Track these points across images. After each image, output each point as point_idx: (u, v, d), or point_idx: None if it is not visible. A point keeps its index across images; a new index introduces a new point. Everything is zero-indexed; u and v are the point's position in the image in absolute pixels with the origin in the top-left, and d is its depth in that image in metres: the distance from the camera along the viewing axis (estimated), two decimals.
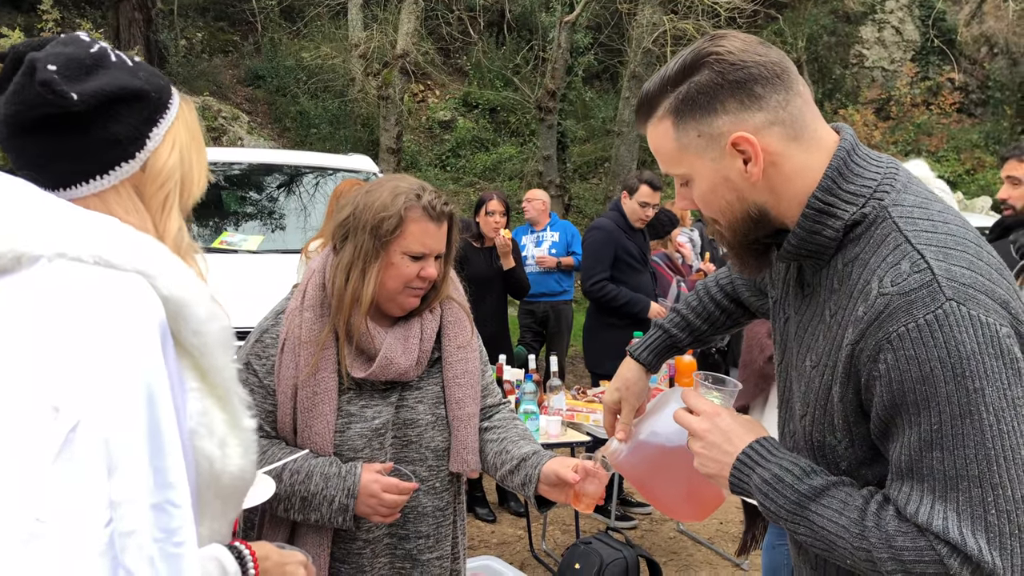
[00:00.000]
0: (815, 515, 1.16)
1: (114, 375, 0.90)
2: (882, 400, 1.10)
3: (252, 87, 15.70)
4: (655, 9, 11.98)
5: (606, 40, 15.98)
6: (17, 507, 0.84)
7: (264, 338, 1.86)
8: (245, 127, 12.97)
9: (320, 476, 1.78)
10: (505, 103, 16.11)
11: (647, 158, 15.15)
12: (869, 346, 1.10)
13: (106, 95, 1.03)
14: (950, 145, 14.95)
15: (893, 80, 16.12)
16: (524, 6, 16.53)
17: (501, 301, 5.18)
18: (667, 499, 1.63)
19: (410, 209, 1.79)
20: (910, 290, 1.07)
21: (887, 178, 1.20)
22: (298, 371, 1.80)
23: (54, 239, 0.95)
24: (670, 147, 1.24)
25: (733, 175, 1.20)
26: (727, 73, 1.17)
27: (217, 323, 1.04)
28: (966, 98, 15.91)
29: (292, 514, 1.81)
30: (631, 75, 12.25)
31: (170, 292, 0.99)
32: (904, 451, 1.09)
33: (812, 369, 1.24)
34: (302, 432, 1.81)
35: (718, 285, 1.71)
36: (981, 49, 16.12)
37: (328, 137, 14.34)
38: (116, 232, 0.99)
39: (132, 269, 0.97)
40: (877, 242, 1.15)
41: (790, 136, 1.18)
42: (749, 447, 1.25)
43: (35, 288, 0.93)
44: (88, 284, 0.93)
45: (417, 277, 1.81)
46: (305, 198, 6.25)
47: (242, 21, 16.53)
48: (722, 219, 1.26)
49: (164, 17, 14.95)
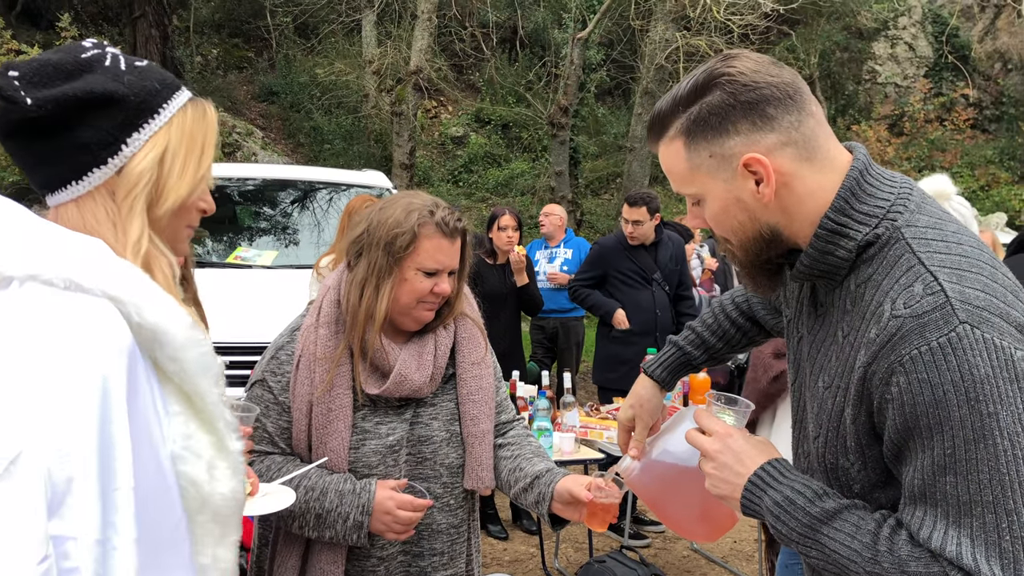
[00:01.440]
0: (827, 538, 1.15)
1: (64, 404, 0.88)
2: (895, 424, 1.08)
3: (266, 103, 15.82)
4: (668, 26, 12.01)
5: (619, 56, 16.04)
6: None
7: (279, 355, 1.87)
8: (259, 143, 13.07)
9: (335, 493, 1.78)
10: (517, 119, 16.17)
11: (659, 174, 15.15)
12: (881, 369, 1.08)
13: (68, 100, 1.01)
14: (964, 161, 14.88)
15: (906, 96, 16.09)
16: (537, 23, 16.61)
17: (515, 318, 5.18)
18: (679, 518, 1.61)
19: (423, 225, 1.79)
20: (923, 312, 1.05)
21: (900, 198, 1.18)
22: (313, 388, 1.80)
23: (27, 260, 0.95)
24: (682, 167, 1.23)
25: (745, 196, 1.19)
26: (739, 94, 1.16)
27: (195, 349, 1.02)
28: (980, 114, 15.85)
29: (307, 531, 1.80)
30: (643, 91, 12.27)
31: (143, 319, 0.97)
32: (917, 475, 1.07)
33: (825, 390, 1.23)
34: (317, 449, 1.82)
35: (734, 303, 1.69)
36: (995, 65, 16.08)
37: (341, 153, 14.42)
38: (92, 256, 0.98)
39: (102, 294, 0.96)
40: (890, 263, 1.14)
41: (802, 157, 1.18)
42: (761, 468, 1.24)
43: (4, 311, 0.92)
44: (52, 309, 0.93)
45: (431, 293, 1.82)
46: (319, 214, 6.28)
47: (257, 38, 16.69)
48: (734, 239, 1.25)
49: (180, 34, 15.11)
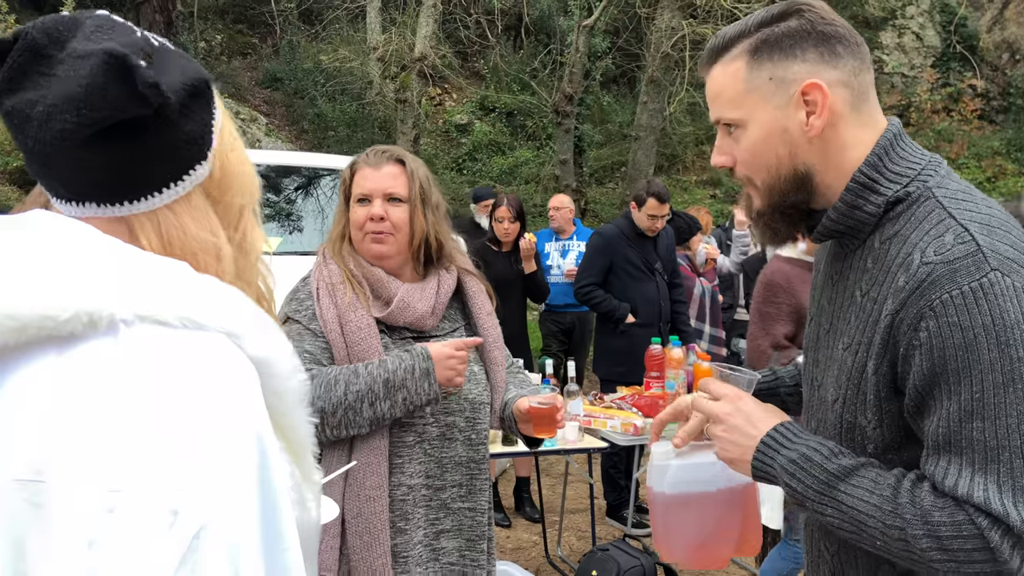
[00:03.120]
0: (844, 495, 1.14)
1: (233, 465, 0.78)
2: (921, 370, 1.07)
3: (270, 89, 15.77)
4: (674, 14, 11.94)
5: (624, 44, 15.94)
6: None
7: (298, 295, 2.01)
8: (263, 129, 13.03)
9: (394, 357, 1.91)
10: (522, 107, 16.10)
11: (664, 163, 15.10)
12: (910, 315, 1.08)
13: (188, 89, 0.89)
14: (971, 152, 14.80)
15: (913, 86, 16.00)
16: (542, 10, 16.51)
17: (521, 305, 5.19)
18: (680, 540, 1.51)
19: (355, 163, 2.04)
20: (955, 259, 1.06)
21: (931, 164, 1.20)
22: (339, 308, 1.94)
23: (132, 298, 0.80)
24: (736, 88, 1.22)
25: (792, 126, 1.19)
26: (816, 24, 1.18)
27: (297, 379, 0.92)
28: (987, 105, 15.75)
29: (377, 405, 1.86)
30: (649, 79, 12.20)
31: (256, 352, 0.86)
32: (942, 423, 1.06)
33: (844, 351, 1.22)
34: (356, 362, 1.94)
35: None
36: (1003, 55, 15.96)
37: (345, 140, 14.37)
38: (198, 286, 0.85)
39: (220, 329, 0.83)
40: (919, 219, 1.14)
41: (853, 104, 1.19)
42: (773, 429, 1.23)
43: (121, 360, 0.78)
44: (181, 353, 0.79)
45: (368, 220, 1.97)
46: (323, 200, 6.26)
47: (261, 24, 16.62)
48: (766, 175, 1.23)
49: (184, 20, 15.05)
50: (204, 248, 0.91)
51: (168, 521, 0.74)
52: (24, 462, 0.74)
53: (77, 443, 0.74)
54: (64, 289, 0.78)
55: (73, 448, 0.74)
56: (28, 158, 0.87)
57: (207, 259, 0.91)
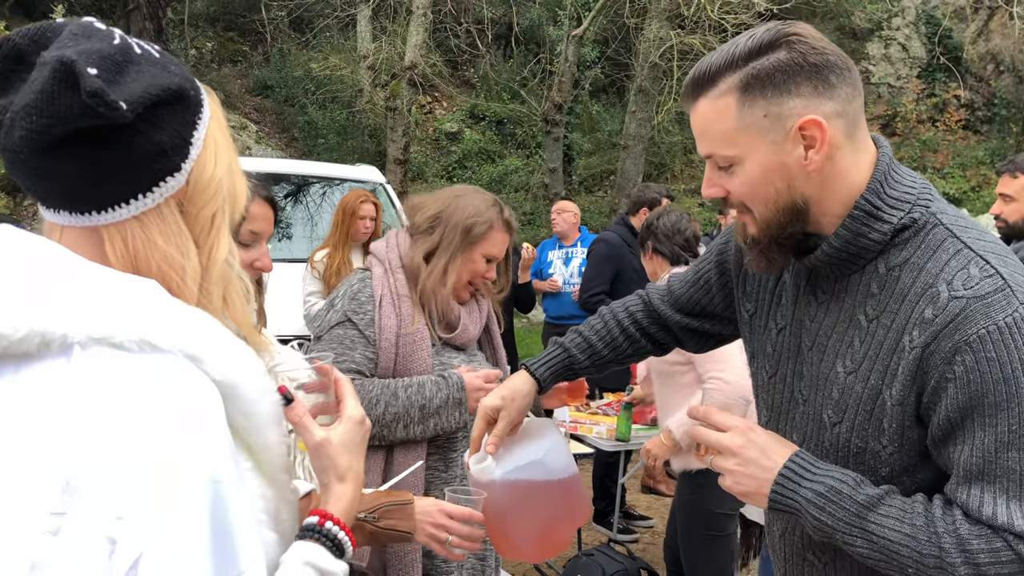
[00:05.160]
0: (874, 525, 1.14)
1: (177, 493, 0.76)
2: (955, 402, 1.10)
3: (260, 97, 15.78)
4: (662, 24, 12.03)
5: (613, 54, 16.03)
6: None
7: (359, 296, 2.09)
8: (253, 136, 13.04)
9: (431, 383, 2.03)
10: (512, 115, 16.16)
11: (652, 172, 15.18)
12: (944, 348, 1.10)
13: (151, 99, 0.85)
14: (955, 162, 14.94)
15: (899, 96, 16.14)
16: (532, 19, 16.59)
17: (509, 313, 5.21)
18: (518, 538, 1.57)
19: (497, 220, 2.13)
20: (985, 294, 1.09)
21: (925, 188, 1.21)
22: (400, 320, 2.05)
23: (88, 319, 0.78)
24: (727, 125, 1.17)
25: (790, 161, 1.16)
26: (808, 55, 1.14)
27: (267, 400, 0.90)
28: (972, 115, 15.90)
29: (411, 428, 2.00)
30: (638, 89, 12.29)
31: (221, 376, 0.84)
32: (976, 452, 1.09)
33: (848, 375, 1.22)
34: (400, 374, 2.06)
35: (628, 313, 1.63)
36: (987, 67, 16.13)
37: (336, 147, 14.39)
38: (159, 307, 0.83)
39: (180, 352, 0.81)
40: (932, 247, 1.16)
41: (848, 133, 1.18)
42: (790, 461, 1.21)
43: (70, 383, 0.77)
44: (133, 377, 0.78)
45: (482, 276, 2.15)
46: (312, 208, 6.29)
47: (251, 31, 16.63)
48: (763, 208, 1.21)
49: (175, 27, 15.06)
50: (170, 263, 0.89)
51: (107, 549, 0.73)
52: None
53: (23, 465, 0.74)
54: (18, 307, 0.77)
55: (19, 470, 0.74)
56: (5, 165, 0.87)
57: (171, 274, 0.89)
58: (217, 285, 0.93)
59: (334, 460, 1.02)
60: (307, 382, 1.14)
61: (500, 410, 1.53)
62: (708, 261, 1.55)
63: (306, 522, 0.98)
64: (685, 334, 1.62)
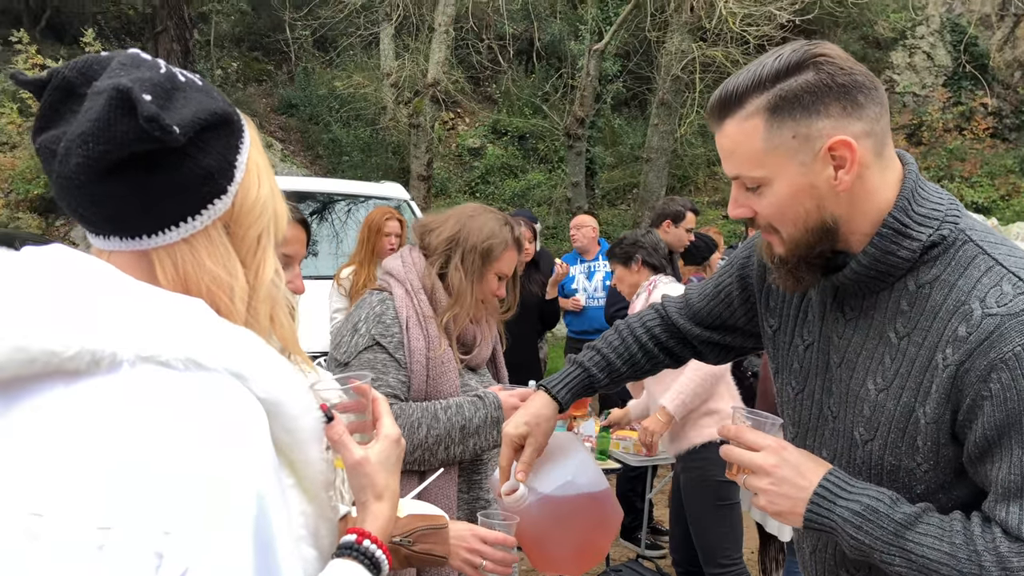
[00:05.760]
0: (912, 543, 1.14)
1: (223, 509, 0.77)
2: (992, 419, 1.09)
3: (285, 115, 15.97)
4: (684, 37, 12.03)
5: (635, 68, 16.06)
6: None
7: (383, 319, 2.07)
8: (279, 155, 13.20)
9: (468, 403, 2.06)
10: (534, 130, 16.21)
11: (675, 184, 15.14)
12: (979, 366, 1.10)
13: (200, 123, 0.88)
14: (984, 171, 14.76)
15: (925, 105, 16.00)
16: (553, 35, 16.67)
17: (535, 329, 5.21)
18: (559, 553, 1.58)
19: (510, 238, 2.16)
20: (1020, 311, 1.09)
21: (952, 204, 1.21)
22: (428, 342, 2.06)
23: (136, 338, 0.81)
24: (755, 147, 1.17)
25: (820, 182, 1.16)
26: (836, 76, 1.14)
27: (309, 416, 0.92)
28: (1000, 123, 15.72)
29: (452, 449, 2.03)
30: (659, 102, 12.29)
31: (265, 393, 0.86)
32: (1014, 471, 1.09)
33: (880, 393, 1.21)
34: (431, 396, 2.07)
35: (644, 327, 1.62)
36: (1014, 74, 15.96)
37: (359, 164, 14.51)
38: (206, 326, 0.86)
39: (225, 371, 0.83)
40: (962, 264, 1.15)
41: (876, 151, 1.18)
42: (825, 479, 1.21)
43: (118, 400, 0.79)
44: (179, 395, 0.80)
45: (494, 293, 2.16)
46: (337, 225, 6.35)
47: (276, 51, 16.85)
48: (792, 229, 1.20)
49: (201, 48, 15.30)
50: (218, 284, 0.91)
51: (154, 563, 0.74)
52: (24, 494, 0.76)
53: (72, 480, 0.76)
54: (70, 326, 0.79)
55: (68, 485, 0.76)
56: (56, 192, 0.89)
57: (220, 295, 0.91)
58: (264, 304, 0.95)
59: (372, 478, 1.03)
60: (345, 401, 1.14)
61: (527, 437, 1.52)
62: (729, 275, 1.54)
63: (344, 540, 0.98)
64: (705, 347, 1.61)
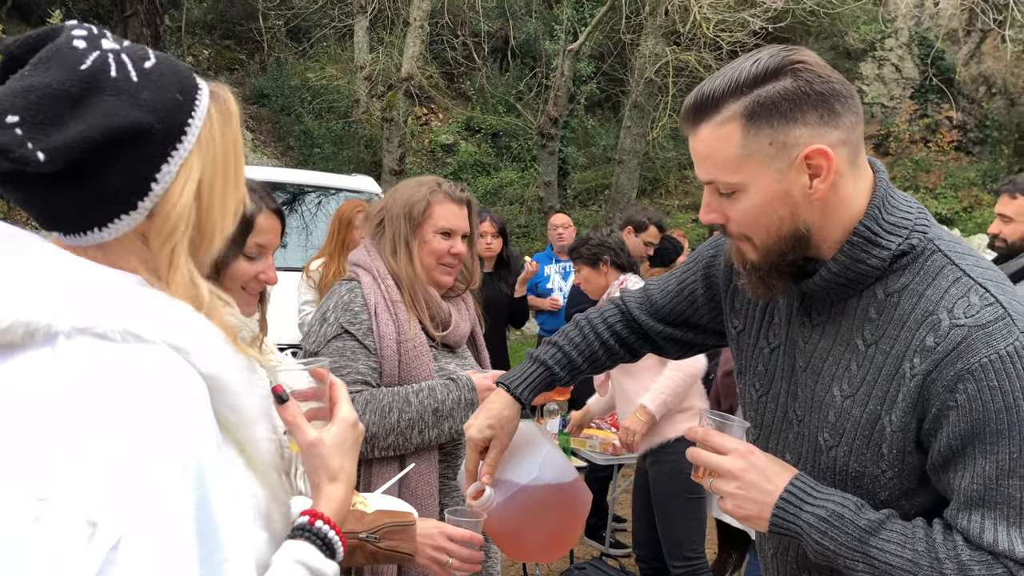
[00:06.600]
0: (876, 550, 1.15)
1: (159, 479, 0.77)
2: (957, 429, 1.10)
3: (257, 105, 15.79)
4: (658, 40, 12.11)
5: (608, 69, 16.12)
6: None
7: (351, 307, 2.06)
8: (249, 144, 13.05)
9: (441, 386, 2.03)
10: (507, 128, 16.21)
11: (647, 187, 15.23)
12: (946, 376, 1.10)
13: (88, 144, 0.81)
14: (948, 183, 15.05)
15: (892, 117, 16.26)
16: (528, 34, 16.67)
17: (503, 328, 5.20)
18: (532, 545, 1.59)
19: (434, 193, 2.11)
20: (987, 323, 1.09)
21: (921, 213, 1.21)
22: (399, 327, 2.04)
23: (72, 310, 0.80)
24: (731, 153, 1.16)
25: (794, 190, 1.16)
26: (814, 83, 1.13)
27: (253, 395, 0.91)
28: (964, 136, 16.04)
29: (426, 432, 2.00)
30: (632, 104, 12.36)
31: (206, 368, 0.85)
32: (977, 479, 1.10)
33: (845, 399, 1.22)
34: (405, 381, 2.05)
35: (605, 323, 1.60)
36: (979, 88, 16.28)
37: (331, 157, 14.40)
38: (145, 299, 0.85)
39: (165, 343, 0.82)
40: (931, 273, 1.16)
41: (851, 160, 1.17)
42: (791, 484, 1.21)
43: (54, 372, 0.78)
44: (118, 366, 0.79)
45: (448, 254, 2.10)
46: (307, 217, 6.29)
47: (249, 40, 16.66)
48: (765, 236, 1.20)
49: (172, 34, 15.08)
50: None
51: (87, 532, 0.74)
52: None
53: (8, 452, 0.76)
54: (3, 298, 0.79)
55: (5, 457, 0.76)
56: None
57: None
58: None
59: (326, 460, 1.02)
60: (303, 388, 1.13)
61: (491, 439, 1.51)
62: (693, 272, 1.52)
63: (297, 522, 0.98)
64: (666, 343, 1.60)
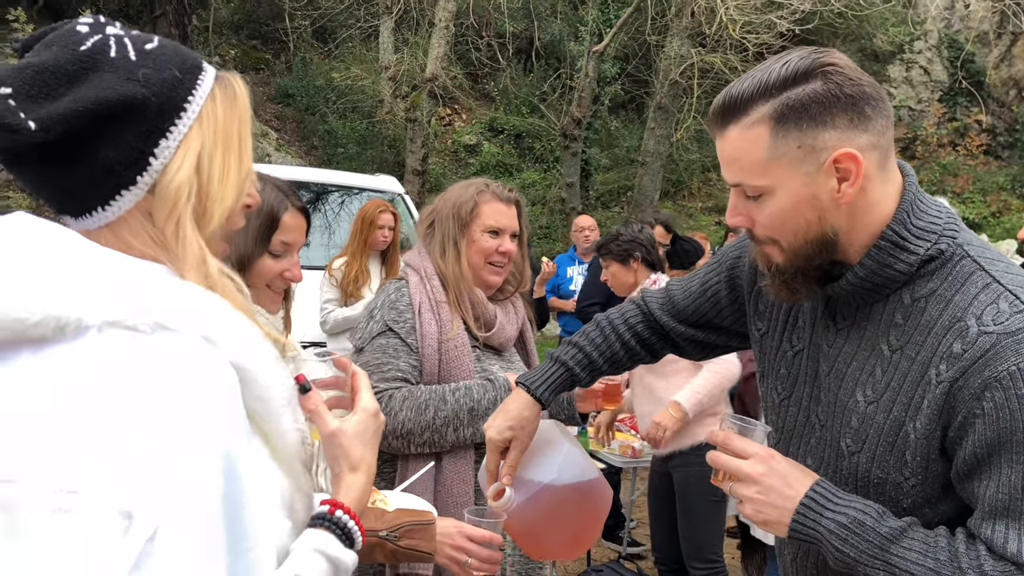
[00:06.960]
0: (897, 558, 1.13)
1: (192, 469, 0.78)
2: (983, 438, 1.09)
3: (282, 105, 15.91)
4: (683, 42, 12.07)
5: (633, 71, 16.08)
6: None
7: (397, 305, 2.10)
8: (273, 144, 13.15)
9: (478, 386, 2.05)
10: (530, 129, 16.22)
11: (669, 189, 15.18)
12: (973, 384, 1.09)
13: (79, 115, 0.82)
14: (976, 187, 14.86)
15: (920, 120, 16.08)
16: (553, 35, 16.67)
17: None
18: (552, 543, 1.59)
19: (482, 194, 2.16)
20: (1016, 330, 1.08)
21: (951, 218, 1.20)
22: (441, 326, 2.07)
23: (103, 303, 0.80)
24: (759, 155, 1.15)
25: (822, 193, 1.14)
26: (844, 86, 1.11)
27: (281, 386, 0.92)
28: (993, 140, 15.83)
29: (460, 431, 2.01)
30: (657, 106, 12.32)
31: (235, 359, 0.85)
32: (1003, 489, 1.08)
33: (869, 405, 1.20)
34: (445, 380, 2.07)
35: (627, 323, 1.60)
36: (1010, 92, 16.06)
37: (355, 157, 14.49)
38: (173, 290, 0.85)
39: (194, 333, 0.83)
40: (959, 279, 1.14)
41: (879, 164, 1.16)
42: (811, 490, 1.19)
43: (85, 366, 0.78)
44: (149, 357, 0.80)
45: (496, 252, 2.13)
46: (330, 216, 6.33)
47: (275, 40, 16.79)
48: (792, 239, 1.19)
49: (199, 34, 15.23)
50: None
51: (123, 525, 0.74)
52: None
53: (41, 445, 0.76)
54: (34, 292, 0.79)
55: (37, 450, 0.76)
56: None
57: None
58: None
59: (346, 450, 1.02)
60: (324, 378, 1.12)
61: (512, 440, 1.51)
62: (717, 273, 1.51)
63: (317, 511, 0.99)
64: (688, 344, 1.59)
